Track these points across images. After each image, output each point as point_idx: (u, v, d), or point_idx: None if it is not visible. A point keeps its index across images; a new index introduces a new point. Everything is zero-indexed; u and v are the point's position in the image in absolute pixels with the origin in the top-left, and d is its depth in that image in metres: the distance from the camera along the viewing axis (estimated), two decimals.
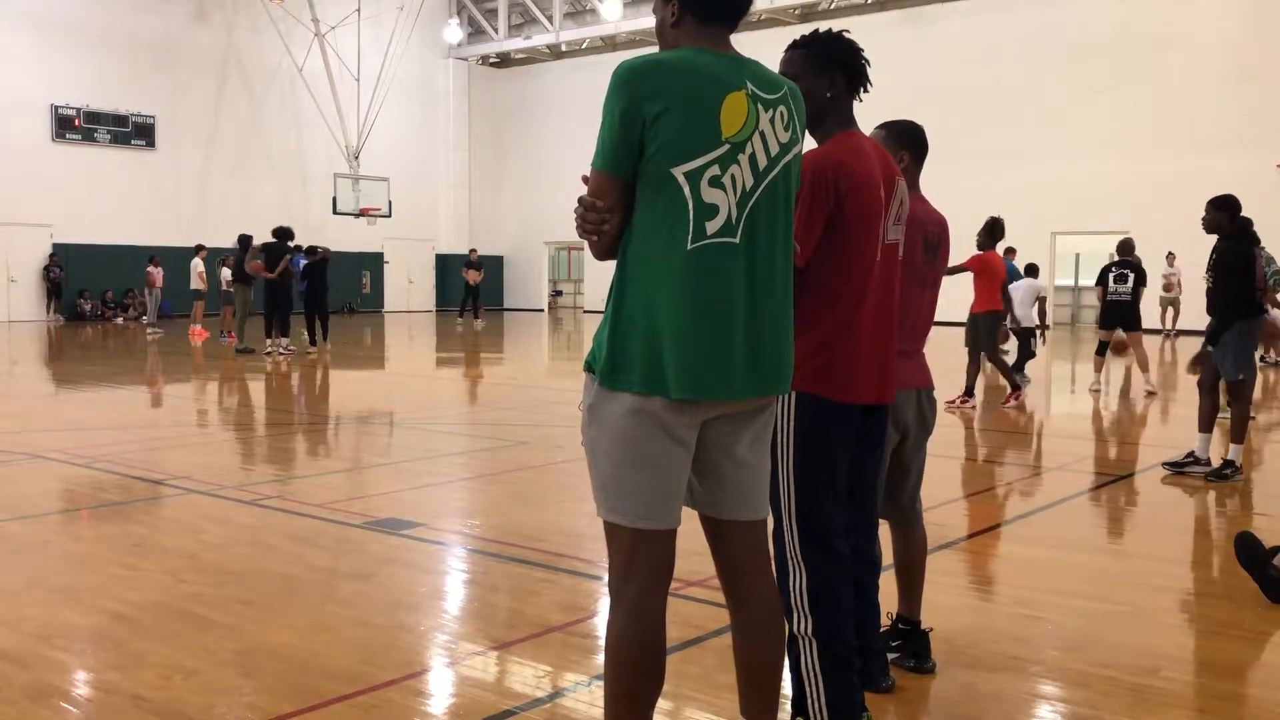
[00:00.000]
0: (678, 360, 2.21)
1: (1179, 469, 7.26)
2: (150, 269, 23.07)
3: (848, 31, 2.94)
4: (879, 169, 2.85)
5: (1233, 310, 6.90)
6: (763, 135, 2.27)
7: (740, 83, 2.25)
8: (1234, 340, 6.95)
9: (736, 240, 2.25)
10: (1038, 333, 13.55)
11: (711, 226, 2.23)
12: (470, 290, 27.45)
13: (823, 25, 2.98)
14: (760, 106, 2.27)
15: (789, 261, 2.38)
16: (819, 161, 2.75)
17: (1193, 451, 7.26)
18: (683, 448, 2.29)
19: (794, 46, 2.91)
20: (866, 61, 2.92)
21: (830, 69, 2.85)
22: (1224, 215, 6.96)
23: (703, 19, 2.31)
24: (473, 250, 29.77)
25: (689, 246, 2.22)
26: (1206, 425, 7.21)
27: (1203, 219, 7.05)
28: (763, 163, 2.28)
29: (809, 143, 2.75)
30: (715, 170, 2.21)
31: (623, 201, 2.25)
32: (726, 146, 2.22)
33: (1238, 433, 7.11)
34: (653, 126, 2.18)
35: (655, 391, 2.22)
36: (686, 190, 2.20)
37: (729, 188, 2.23)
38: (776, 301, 2.34)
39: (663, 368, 2.21)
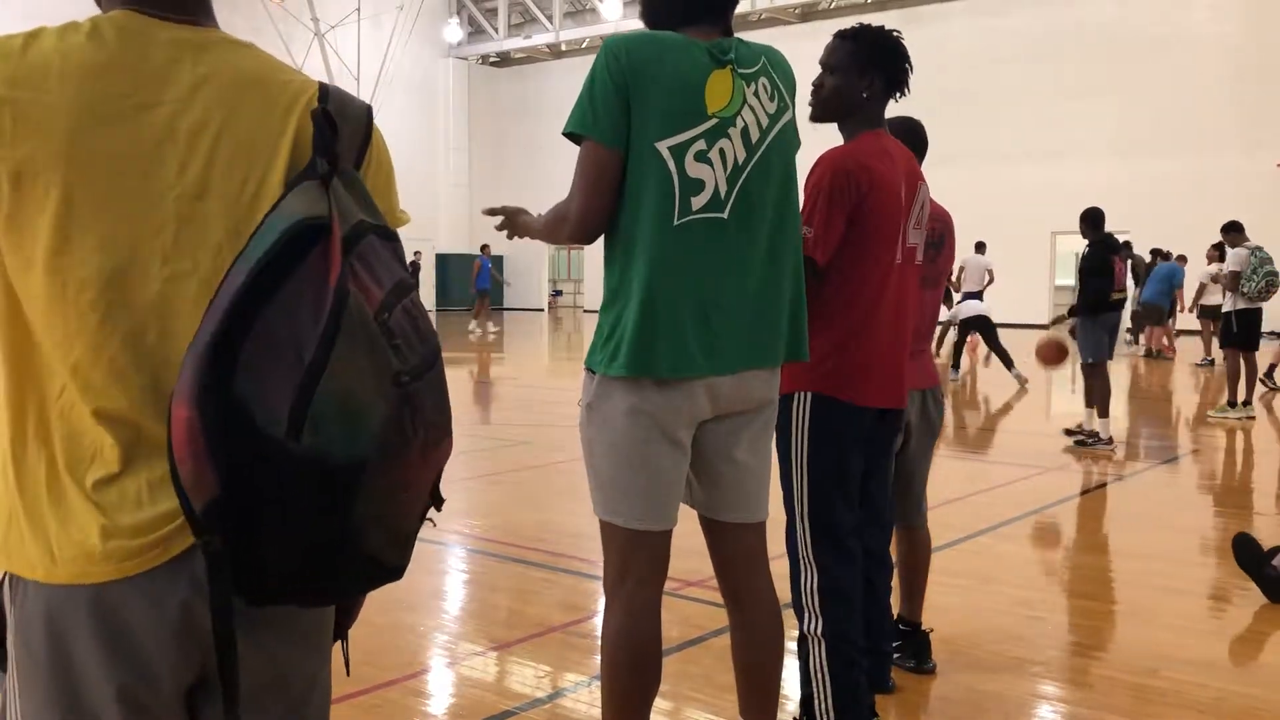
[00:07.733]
0: (668, 338, 2.19)
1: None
2: None
3: (897, 32, 2.89)
4: (902, 172, 2.82)
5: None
6: (751, 109, 2.26)
7: (724, 60, 2.24)
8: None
9: (725, 215, 2.23)
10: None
11: (697, 201, 2.20)
12: None
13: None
14: (744, 82, 2.26)
15: (787, 236, 2.34)
16: (840, 161, 2.72)
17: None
18: (679, 449, 2.28)
19: (841, 37, 2.86)
20: (909, 65, 2.85)
21: (871, 70, 2.80)
22: (1084, 225, 8.24)
23: (670, 26, 2.28)
24: None
25: (674, 222, 2.19)
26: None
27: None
28: (754, 136, 2.26)
29: (828, 135, 2.72)
30: (701, 145, 2.19)
31: (616, 179, 2.20)
32: (713, 121, 2.20)
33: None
34: (638, 99, 2.16)
35: (648, 373, 2.19)
36: (671, 165, 2.18)
37: (717, 162, 2.21)
38: (771, 275, 2.30)
39: (654, 347, 2.19)
